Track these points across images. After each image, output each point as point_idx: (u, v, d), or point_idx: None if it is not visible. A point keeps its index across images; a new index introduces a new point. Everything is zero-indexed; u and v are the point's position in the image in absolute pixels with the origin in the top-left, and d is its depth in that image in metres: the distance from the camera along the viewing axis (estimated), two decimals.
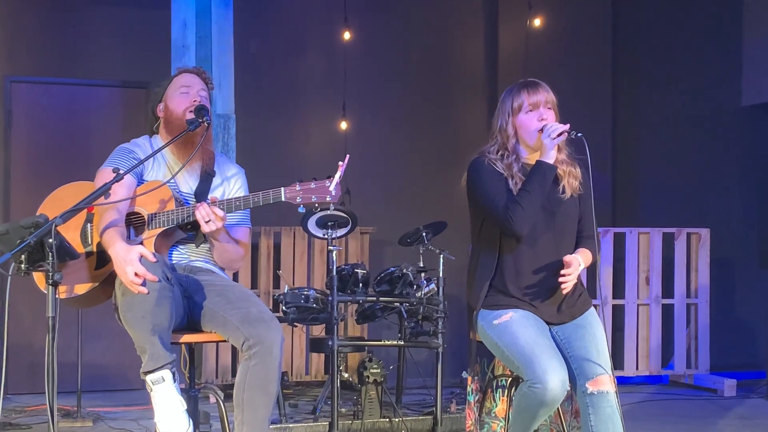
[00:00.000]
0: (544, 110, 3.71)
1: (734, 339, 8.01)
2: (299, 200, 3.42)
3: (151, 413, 6.13)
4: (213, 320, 3.47)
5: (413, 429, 5.53)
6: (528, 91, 3.74)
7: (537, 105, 3.71)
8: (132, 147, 3.72)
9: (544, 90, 3.76)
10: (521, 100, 3.74)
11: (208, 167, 3.75)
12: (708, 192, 8.23)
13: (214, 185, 3.77)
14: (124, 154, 3.66)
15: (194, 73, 3.86)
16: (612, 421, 3.46)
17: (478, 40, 8.20)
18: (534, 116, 3.70)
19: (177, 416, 3.24)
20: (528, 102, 3.71)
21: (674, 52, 8.36)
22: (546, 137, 3.62)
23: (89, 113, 7.37)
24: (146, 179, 3.67)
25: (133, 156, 3.64)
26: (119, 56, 7.27)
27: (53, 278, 3.02)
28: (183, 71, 3.86)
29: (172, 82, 3.82)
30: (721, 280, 7.87)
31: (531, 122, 3.70)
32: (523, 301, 3.61)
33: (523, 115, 3.72)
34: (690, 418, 6.15)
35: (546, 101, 3.73)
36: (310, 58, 7.74)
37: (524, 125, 3.72)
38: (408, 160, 7.94)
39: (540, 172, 3.62)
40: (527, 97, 3.72)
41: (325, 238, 5.61)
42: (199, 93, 3.77)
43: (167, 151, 3.70)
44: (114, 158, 3.66)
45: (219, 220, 3.43)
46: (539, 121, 3.68)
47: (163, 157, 3.72)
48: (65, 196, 3.68)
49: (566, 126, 3.63)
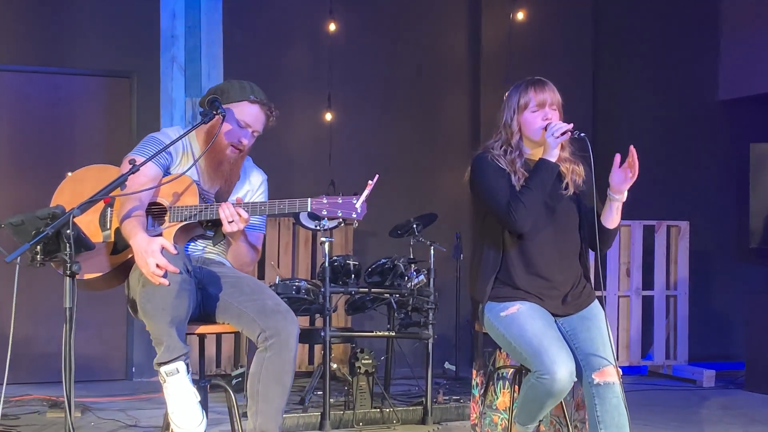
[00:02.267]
0: (549, 110, 3.76)
1: (711, 330, 8.14)
2: (325, 213, 3.42)
3: (138, 404, 6.25)
4: (226, 312, 3.48)
5: (404, 419, 5.57)
6: (535, 90, 3.78)
7: (543, 104, 3.75)
8: (162, 137, 3.66)
9: (551, 90, 3.80)
10: (528, 98, 3.77)
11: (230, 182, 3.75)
12: (686, 185, 8.35)
13: (238, 187, 3.78)
14: (152, 145, 3.61)
15: (265, 112, 3.74)
16: (618, 411, 3.52)
17: (461, 32, 8.24)
18: (539, 115, 3.75)
19: (191, 408, 3.25)
20: (535, 101, 3.75)
21: (653, 47, 8.46)
22: (549, 136, 3.66)
23: (73, 102, 7.31)
24: (171, 172, 3.65)
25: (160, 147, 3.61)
26: (104, 45, 7.20)
27: (71, 269, 3.01)
28: (257, 102, 3.71)
29: (241, 104, 3.70)
30: (699, 272, 7.98)
31: (535, 121, 3.75)
32: (530, 293, 3.65)
33: (529, 114, 3.76)
34: (673, 408, 6.24)
35: (552, 102, 3.77)
36: (295, 49, 7.73)
37: (529, 123, 3.77)
38: (392, 151, 7.96)
39: (542, 170, 3.67)
40: (534, 96, 3.76)
41: (317, 229, 5.63)
42: (253, 135, 3.74)
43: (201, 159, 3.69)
44: (140, 148, 3.62)
45: (242, 222, 3.43)
46: (544, 120, 3.73)
47: (194, 157, 3.69)
48: (85, 178, 3.66)
49: (570, 125, 3.68)
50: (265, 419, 3.40)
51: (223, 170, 3.66)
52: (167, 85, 6.43)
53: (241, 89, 3.73)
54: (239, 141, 3.69)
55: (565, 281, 3.71)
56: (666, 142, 8.37)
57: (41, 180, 7.09)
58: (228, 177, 3.70)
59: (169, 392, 3.27)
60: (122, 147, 7.21)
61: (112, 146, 7.24)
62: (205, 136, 3.68)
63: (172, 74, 6.39)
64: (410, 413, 5.63)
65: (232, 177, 3.72)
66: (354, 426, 5.46)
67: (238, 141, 3.69)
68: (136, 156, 3.44)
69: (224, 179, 3.69)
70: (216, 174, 3.67)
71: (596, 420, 3.53)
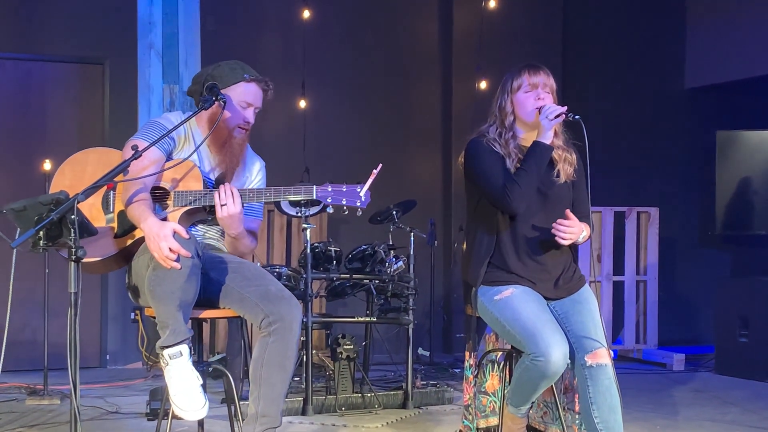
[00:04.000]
0: (542, 92, 3.81)
1: (677, 315, 8.28)
2: (330, 201, 3.45)
3: (116, 391, 6.24)
4: (228, 296, 3.50)
5: (385, 403, 5.62)
6: (529, 72, 3.84)
7: (536, 86, 3.81)
8: (164, 122, 3.65)
9: (545, 73, 3.86)
10: (521, 80, 3.84)
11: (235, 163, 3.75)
12: (654, 172, 8.48)
13: (238, 175, 3.78)
14: (154, 129, 3.59)
15: (262, 88, 3.78)
16: (610, 392, 3.59)
17: (433, 20, 8.28)
18: (531, 96, 3.80)
19: (193, 392, 3.26)
20: (528, 82, 3.81)
21: (621, 36, 8.56)
22: (543, 118, 3.72)
23: (45, 90, 7.24)
24: (174, 157, 3.65)
25: (163, 132, 3.60)
26: (76, 31, 7.12)
27: (76, 254, 3.02)
28: (253, 80, 3.75)
29: (237, 86, 3.72)
30: (666, 258, 8.10)
31: (528, 101, 3.80)
32: (523, 277, 3.71)
33: (522, 94, 3.82)
34: (645, 392, 6.34)
35: (545, 84, 3.83)
36: (269, 36, 7.71)
37: (522, 103, 3.82)
38: (366, 138, 7.99)
39: (537, 152, 3.73)
40: (527, 78, 3.83)
41: (298, 216, 5.65)
42: (254, 112, 3.77)
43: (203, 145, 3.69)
44: (143, 132, 3.60)
45: (234, 207, 3.43)
46: (536, 100, 3.78)
47: (195, 143, 3.70)
48: (86, 161, 3.65)
49: (564, 108, 3.73)
50: (267, 404, 3.42)
51: (232, 149, 3.67)
52: (144, 71, 6.40)
53: (232, 71, 3.75)
54: (244, 121, 3.72)
55: (557, 265, 3.78)
56: (634, 130, 8.50)
57: (12, 168, 7.05)
58: (236, 155, 3.71)
59: (172, 375, 3.28)
60: (95, 134, 7.19)
61: (84, 133, 7.19)
62: (207, 122, 3.69)
63: (149, 61, 6.36)
64: (391, 398, 5.68)
65: (238, 157, 3.73)
66: (336, 411, 5.49)
67: (244, 121, 3.72)
68: (138, 141, 3.44)
69: (231, 158, 3.70)
70: (222, 154, 3.67)
71: (588, 401, 3.59)
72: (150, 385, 6.33)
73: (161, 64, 6.39)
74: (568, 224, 3.64)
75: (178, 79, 6.30)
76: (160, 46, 6.38)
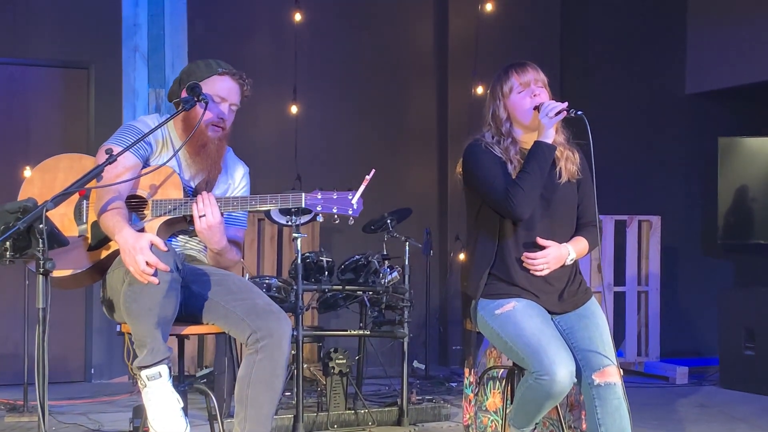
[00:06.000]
0: (535, 88, 3.60)
1: (680, 326, 8.07)
2: (320, 209, 3.24)
3: (99, 407, 6.01)
4: (212, 311, 3.27)
5: (379, 420, 5.40)
6: (516, 72, 3.63)
7: (527, 84, 3.60)
8: (140, 126, 3.43)
9: (533, 69, 3.65)
10: (510, 82, 3.62)
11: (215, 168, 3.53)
12: (654, 180, 8.28)
13: (219, 181, 3.56)
14: (129, 134, 3.38)
15: (238, 81, 3.54)
16: (619, 413, 3.37)
17: (428, 24, 8.11)
18: (526, 95, 3.59)
19: (173, 415, 3.04)
20: (518, 82, 3.60)
21: (621, 41, 8.38)
22: (544, 116, 3.50)
23: (28, 94, 7.05)
24: (152, 163, 3.42)
25: (139, 136, 3.37)
26: (61, 35, 6.93)
27: (44, 267, 2.80)
28: (227, 73, 3.52)
29: (210, 80, 3.49)
30: (667, 267, 7.90)
31: (524, 101, 3.59)
32: (525, 289, 3.49)
33: (515, 96, 3.60)
34: (649, 406, 6.13)
35: (536, 80, 3.62)
36: (260, 39, 7.53)
37: (517, 106, 3.60)
38: (359, 145, 7.81)
39: (539, 153, 3.50)
40: (516, 78, 3.61)
41: (289, 225, 5.43)
42: (230, 108, 3.52)
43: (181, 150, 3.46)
44: (117, 137, 3.39)
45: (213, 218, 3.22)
46: (532, 98, 3.57)
47: (173, 147, 3.47)
48: (57, 168, 3.43)
49: (564, 104, 3.52)
50: (254, 425, 3.19)
51: (208, 152, 3.43)
52: (129, 75, 6.18)
53: (207, 66, 3.55)
54: (218, 118, 3.47)
55: (561, 276, 3.56)
56: (634, 136, 8.30)
57: None
58: (213, 160, 3.46)
59: (150, 398, 3.06)
60: (79, 140, 6.99)
61: (68, 139, 7.00)
62: (183, 124, 3.46)
63: (134, 64, 6.14)
64: (385, 414, 5.46)
65: (217, 161, 3.49)
66: (328, 428, 5.27)
67: (218, 118, 3.47)
68: (113, 145, 3.22)
69: (210, 162, 3.45)
70: (200, 158, 3.44)
71: (597, 422, 3.38)
72: (135, 401, 6.10)
73: (147, 68, 6.16)
74: (537, 255, 3.44)
75: (164, 83, 6.07)
76: (145, 49, 6.15)
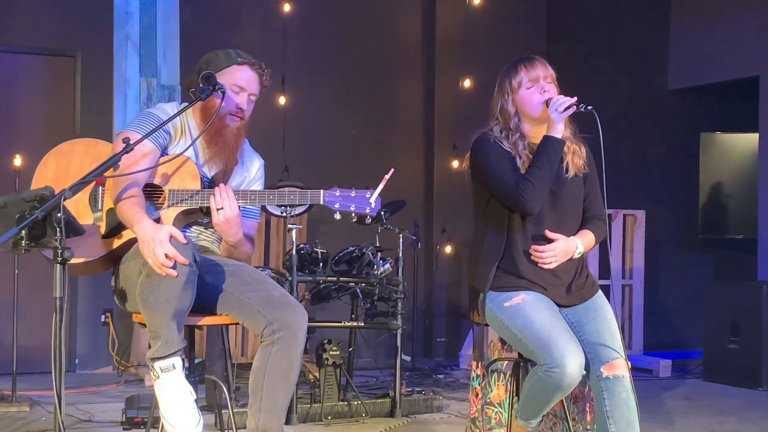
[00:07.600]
0: (545, 83, 3.60)
1: (661, 320, 8.13)
2: (337, 206, 3.22)
3: (87, 397, 5.97)
4: (227, 302, 3.25)
5: (372, 412, 5.40)
6: (525, 67, 3.62)
7: (537, 79, 3.59)
8: (159, 113, 3.38)
9: (542, 64, 3.64)
10: (519, 77, 3.61)
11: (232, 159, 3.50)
12: (636, 174, 8.33)
13: (236, 173, 3.53)
14: (149, 121, 3.32)
15: (257, 71, 3.50)
16: (627, 405, 3.40)
17: (416, 17, 8.12)
18: (535, 90, 3.58)
19: (187, 408, 3.01)
20: (528, 78, 3.59)
21: (605, 36, 8.44)
22: (553, 111, 3.50)
23: (14, 82, 6.97)
24: (169, 151, 3.39)
25: (158, 123, 3.31)
26: (48, 22, 6.86)
27: (62, 256, 2.76)
28: (246, 63, 3.48)
29: (229, 70, 3.45)
30: (648, 261, 7.95)
31: (533, 96, 3.58)
32: (534, 282, 3.49)
33: (524, 91, 3.60)
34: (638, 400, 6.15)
35: (545, 75, 3.61)
36: (248, 30, 7.49)
37: (526, 101, 3.59)
38: (346, 136, 7.81)
39: (549, 147, 3.50)
40: (525, 73, 3.60)
41: (283, 216, 5.42)
42: (249, 98, 3.48)
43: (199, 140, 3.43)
44: (136, 124, 3.34)
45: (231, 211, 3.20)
46: (541, 93, 3.57)
47: (191, 136, 3.43)
48: (72, 152, 3.39)
49: (573, 99, 3.52)
50: (269, 418, 3.18)
51: (226, 142, 3.40)
52: (121, 64, 6.12)
53: (226, 55, 3.51)
54: (237, 108, 3.44)
55: (569, 269, 3.56)
56: (617, 131, 8.32)
57: None
58: (231, 150, 3.43)
59: (163, 389, 3.03)
60: (66, 129, 6.92)
61: (54, 129, 6.91)
62: (202, 113, 3.42)
63: (126, 53, 6.08)
64: (378, 406, 5.46)
65: (234, 151, 3.46)
66: (322, 420, 5.27)
67: (236, 108, 3.43)
68: (131, 133, 3.18)
69: (227, 152, 3.42)
70: (218, 147, 3.40)
71: (605, 415, 3.39)
72: (122, 392, 6.10)
73: (138, 57, 6.10)
74: (545, 248, 3.45)
75: (156, 72, 6.02)
76: (137, 37, 6.09)
